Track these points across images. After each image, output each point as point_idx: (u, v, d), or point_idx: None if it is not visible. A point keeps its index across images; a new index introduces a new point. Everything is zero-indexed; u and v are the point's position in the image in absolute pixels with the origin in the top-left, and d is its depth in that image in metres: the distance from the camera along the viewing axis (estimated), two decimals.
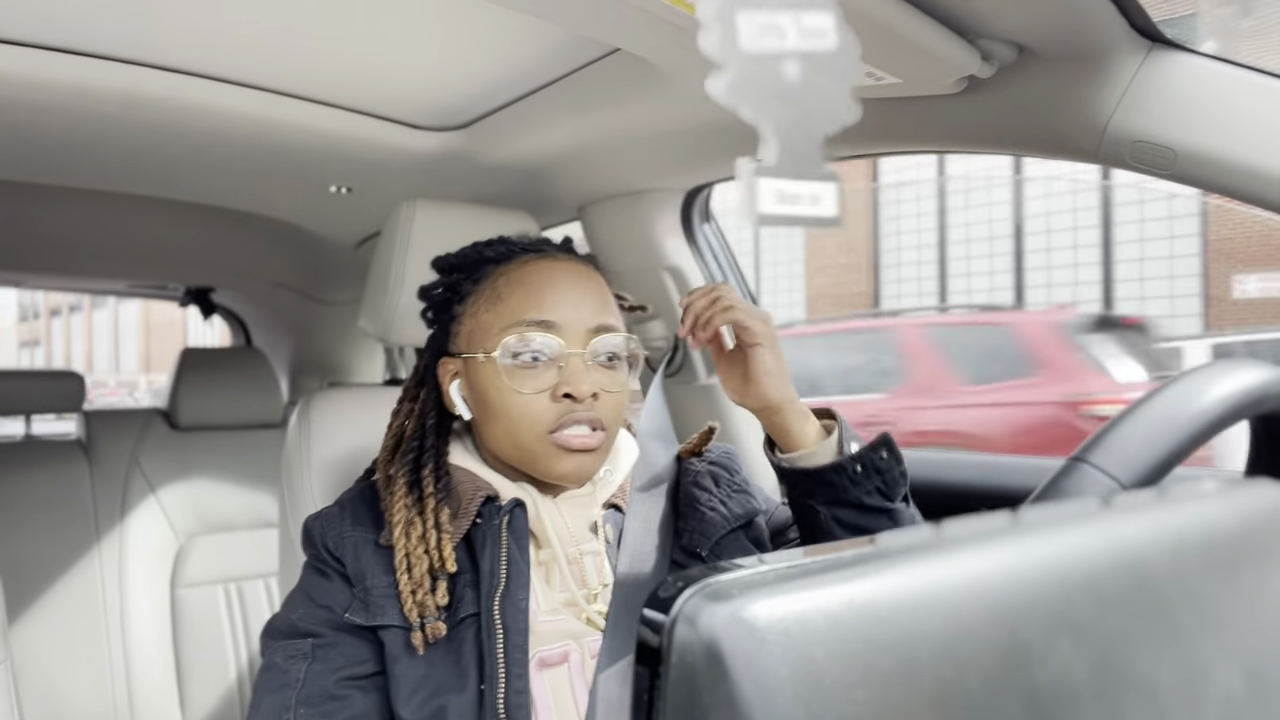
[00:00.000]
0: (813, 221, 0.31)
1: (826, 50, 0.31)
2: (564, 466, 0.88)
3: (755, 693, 0.26)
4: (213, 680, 1.92)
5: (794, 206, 0.31)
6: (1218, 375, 0.56)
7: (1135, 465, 0.52)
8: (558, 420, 0.87)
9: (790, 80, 0.30)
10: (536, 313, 0.89)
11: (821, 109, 0.31)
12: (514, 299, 0.91)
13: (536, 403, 0.87)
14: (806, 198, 0.31)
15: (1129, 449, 0.53)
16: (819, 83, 0.31)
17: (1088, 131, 0.93)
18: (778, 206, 0.31)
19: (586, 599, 0.87)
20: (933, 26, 0.86)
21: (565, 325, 0.89)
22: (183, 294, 2.78)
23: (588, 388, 0.86)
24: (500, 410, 0.89)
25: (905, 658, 0.29)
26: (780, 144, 0.30)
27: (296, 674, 0.81)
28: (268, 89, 1.20)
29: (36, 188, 1.60)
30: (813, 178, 0.31)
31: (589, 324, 0.90)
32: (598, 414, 0.88)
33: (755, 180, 0.30)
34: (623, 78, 1.10)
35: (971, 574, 0.33)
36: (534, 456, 0.89)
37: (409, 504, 0.88)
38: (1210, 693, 0.38)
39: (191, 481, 2.04)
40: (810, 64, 0.30)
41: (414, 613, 0.82)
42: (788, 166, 0.30)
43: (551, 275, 0.92)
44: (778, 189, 0.31)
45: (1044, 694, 0.32)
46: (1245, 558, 0.42)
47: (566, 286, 0.91)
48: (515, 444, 0.89)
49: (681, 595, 0.28)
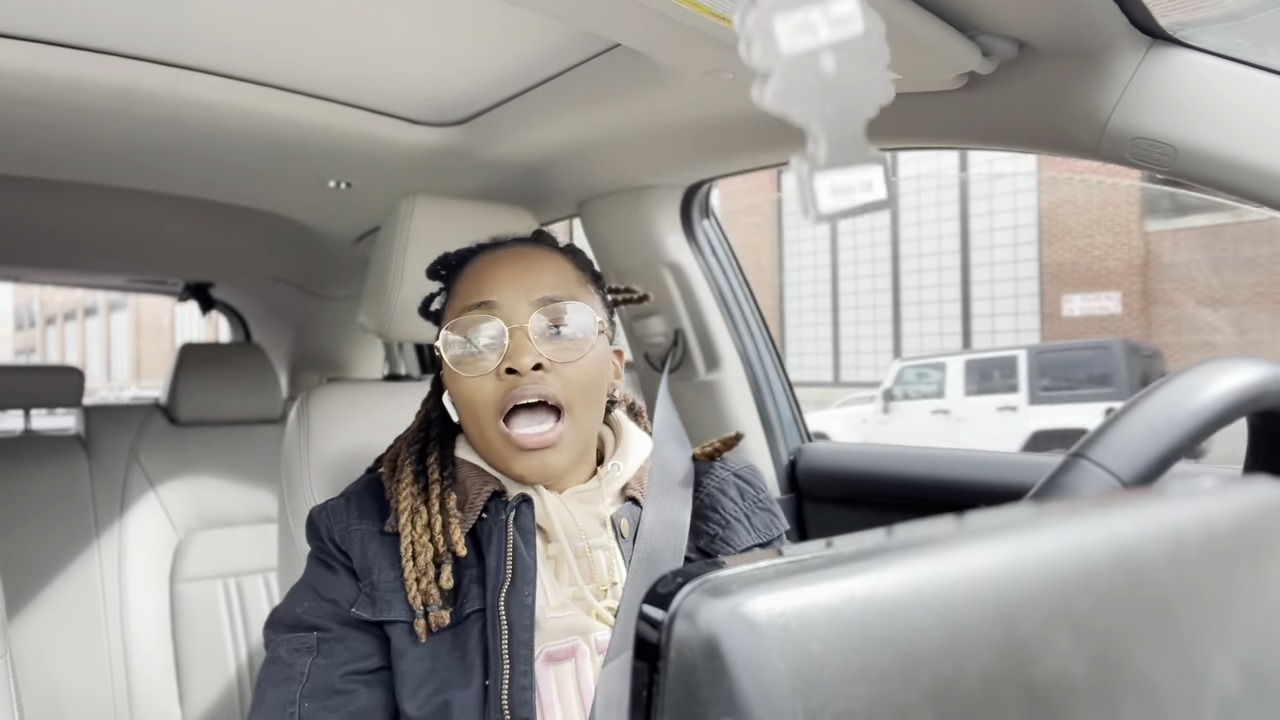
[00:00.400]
0: (868, 209, 0.31)
1: (856, 35, 0.31)
2: (523, 465, 0.87)
3: (754, 688, 0.27)
4: (212, 675, 1.92)
5: (850, 198, 0.31)
6: (1217, 372, 0.56)
7: (1135, 461, 0.52)
8: (504, 398, 0.86)
9: (829, 74, 0.30)
10: (476, 296, 0.89)
11: (860, 95, 0.31)
12: (461, 291, 0.92)
13: (484, 385, 0.87)
14: (859, 186, 0.31)
15: (1128, 445, 0.52)
16: (855, 69, 0.31)
17: (1088, 128, 0.93)
18: (837, 201, 0.31)
19: (595, 594, 0.87)
20: (933, 22, 0.86)
21: (504, 305, 0.88)
22: (182, 289, 2.78)
23: (528, 360, 0.85)
24: (459, 400, 0.90)
25: (904, 653, 0.29)
26: (829, 141, 0.30)
27: (301, 668, 0.82)
28: (268, 84, 1.20)
29: (36, 182, 1.60)
30: (861, 164, 0.31)
31: (531, 298, 0.88)
32: (547, 388, 0.86)
33: (813, 182, 0.30)
34: (623, 74, 1.10)
35: (970, 570, 0.33)
36: (496, 454, 0.89)
37: (414, 492, 0.88)
38: (1208, 689, 0.38)
39: (191, 477, 2.05)
40: (844, 53, 0.31)
41: (418, 600, 0.82)
42: (837, 158, 0.30)
43: (491, 263, 0.93)
44: (833, 184, 0.30)
45: (1042, 690, 0.32)
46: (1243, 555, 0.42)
47: (506, 267, 0.91)
48: (481, 437, 0.90)
49: (680, 591, 0.28)
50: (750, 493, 0.99)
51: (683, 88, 1.09)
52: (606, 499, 0.92)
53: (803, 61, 0.30)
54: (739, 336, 1.63)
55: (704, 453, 1.02)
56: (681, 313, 1.60)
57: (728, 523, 0.94)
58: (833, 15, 0.30)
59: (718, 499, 0.96)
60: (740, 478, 1.00)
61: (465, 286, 0.92)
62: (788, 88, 0.30)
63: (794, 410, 1.71)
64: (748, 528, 0.95)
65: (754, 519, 0.96)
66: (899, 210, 10.45)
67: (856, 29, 0.31)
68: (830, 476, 1.61)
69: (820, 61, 0.30)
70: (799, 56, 0.30)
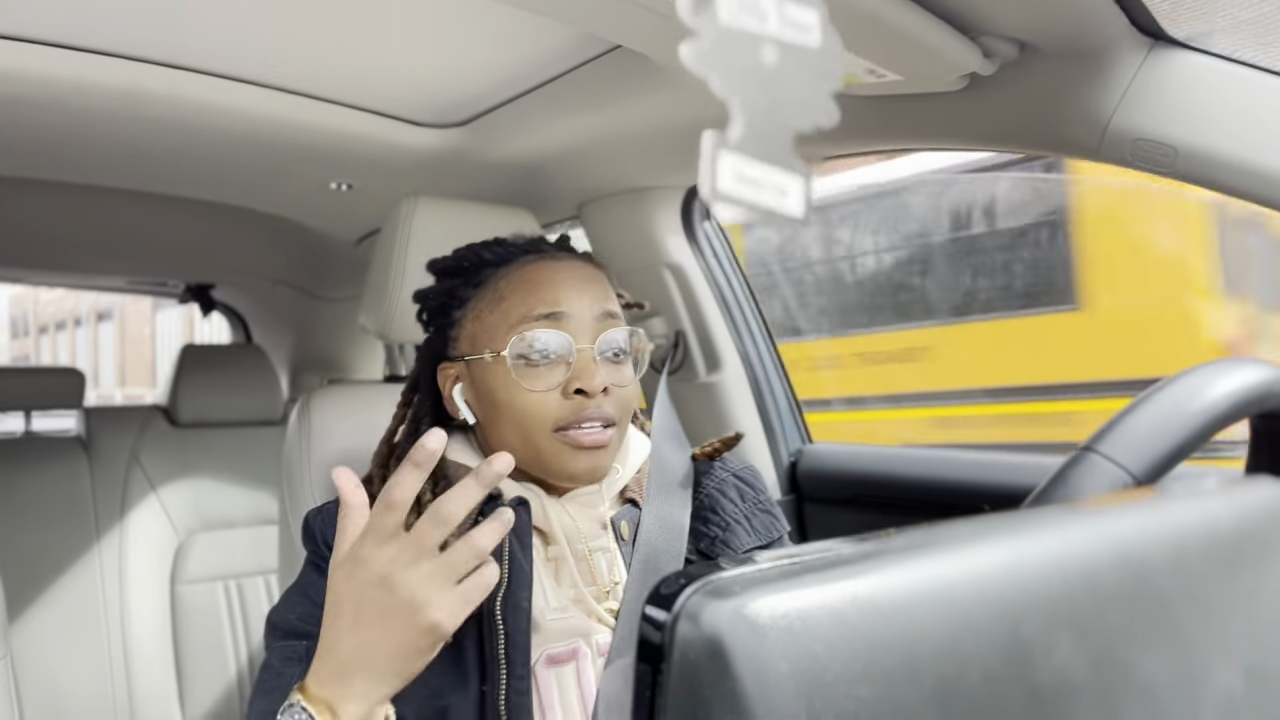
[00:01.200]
0: (774, 215, 0.31)
1: (810, 45, 0.31)
2: (577, 465, 0.87)
3: (757, 689, 0.27)
4: (212, 677, 1.92)
5: (756, 193, 0.30)
6: (1223, 371, 0.56)
7: (1144, 455, 0.52)
8: (570, 417, 0.85)
9: (768, 67, 0.30)
10: (543, 308, 0.88)
11: (798, 102, 0.31)
12: (517, 297, 0.89)
13: (549, 400, 0.86)
14: (771, 186, 0.30)
15: (1138, 439, 0.52)
16: (799, 76, 0.30)
17: (1089, 129, 0.93)
18: (738, 188, 0.30)
19: (596, 596, 0.87)
20: (934, 23, 0.86)
21: (572, 320, 0.87)
22: (183, 291, 2.78)
23: (599, 382, 0.85)
24: (510, 410, 0.87)
25: (906, 655, 0.29)
26: (749, 128, 0.29)
27: (289, 677, 0.80)
28: (269, 85, 1.20)
29: (37, 183, 1.60)
30: (780, 166, 0.30)
31: (595, 317, 0.89)
32: (608, 410, 0.86)
33: (717, 157, 0.29)
34: (623, 75, 1.10)
35: (973, 572, 0.33)
36: (546, 456, 0.87)
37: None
38: (1210, 690, 0.38)
39: (191, 478, 2.04)
40: (791, 55, 0.30)
41: None
42: (754, 150, 0.30)
43: (554, 272, 0.91)
44: (740, 170, 0.30)
45: (1045, 692, 0.32)
46: (1245, 556, 0.42)
47: (570, 282, 0.90)
48: (525, 443, 0.88)
49: (684, 592, 0.28)
50: (750, 494, 0.99)
51: (683, 89, 1.09)
52: (606, 502, 0.92)
53: (749, 50, 0.30)
54: (740, 338, 1.63)
55: (703, 453, 1.01)
56: (682, 314, 1.60)
57: (728, 525, 0.94)
58: (792, 19, 0.30)
59: (718, 500, 0.96)
60: (740, 479, 1.00)
61: (524, 293, 0.89)
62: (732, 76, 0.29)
63: (795, 411, 1.71)
64: (748, 530, 0.95)
65: (754, 521, 0.96)
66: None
67: (816, 36, 0.30)
68: (831, 478, 1.61)
69: (769, 55, 0.30)
70: (746, 44, 0.29)
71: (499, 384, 0.88)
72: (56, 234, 2.03)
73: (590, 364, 0.86)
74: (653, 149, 1.36)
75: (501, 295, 0.91)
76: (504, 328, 0.88)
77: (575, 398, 0.86)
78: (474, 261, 0.96)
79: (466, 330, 0.93)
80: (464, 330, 0.93)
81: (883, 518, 1.51)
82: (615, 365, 0.89)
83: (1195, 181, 0.89)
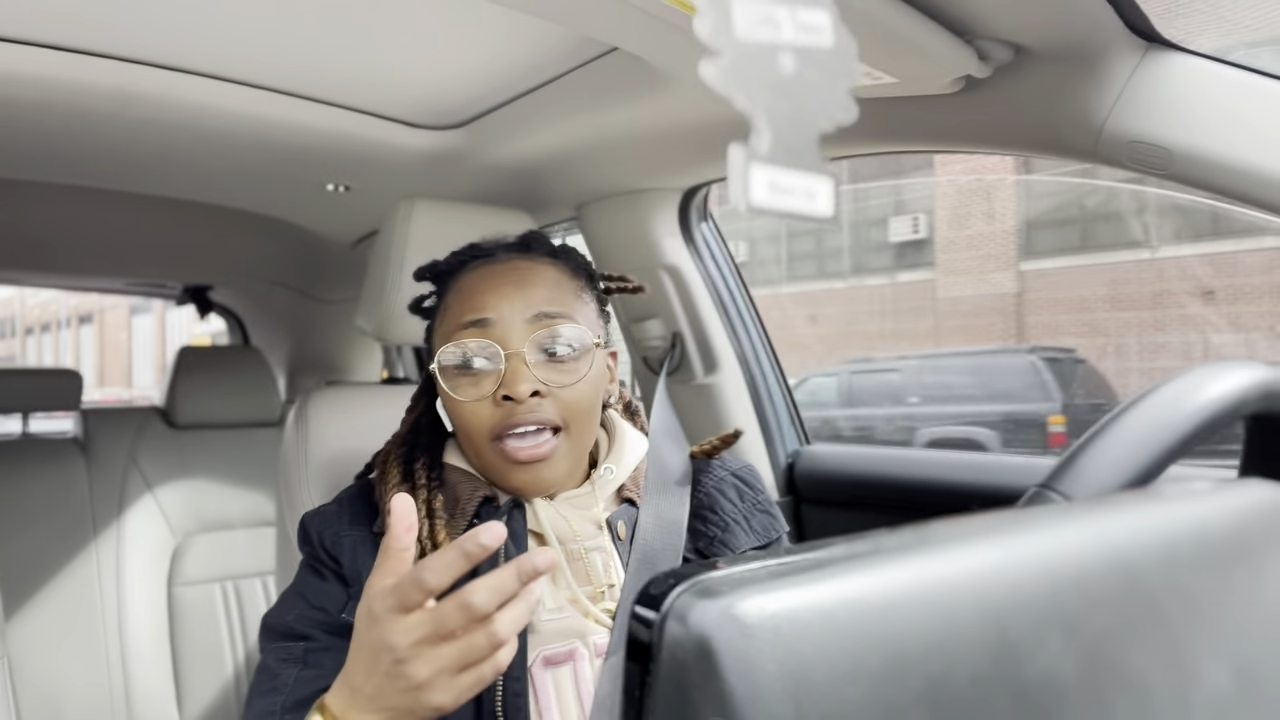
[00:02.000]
0: (805, 217, 0.31)
1: (824, 47, 0.31)
2: (517, 479, 0.87)
3: (745, 689, 0.27)
4: (210, 678, 1.92)
5: (788, 199, 0.31)
6: (1184, 391, 0.53)
7: (1101, 491, 0.48)
8: (501, 424, 0.85)
9: (787, 74, 0.30)
10: (470, 315, 0.88)
11: (819, 104, 0.31)
12: (456, 307, 0.91)
13: (480, 409, 0.86)
14: (801, 191, 0.31)
15: (1095, 475, 0.49)
16: (816, 78, 0.31)
17: (1084, 131, 0.93)
18: (772, 198, 0.30)
19: (592, 597, 0.87)
20: (929, 26, 0.86)
21: (501, 323, 0.87)
22: (180, 292, 2.78)
23: (526, 387, 0.84)
24: (455, 420, 0.89)
25: (895, 655, 0.29)
26: (775, 137, 0.30)
27: (287, 678, 0.81)
28: (265, 87, 1.20)
29: (34, 185, 1.60)
30: (808, 170, 0.31)
31: (527, 315, 0.87)
32: (545, 414, 0.85)
33: (749, 170, 0.30)
34: (620, 77, 1.11)
35: (961, 572, 0.33)
36: (489, 467, 0.88)
37: (401, 493, 0.88)
38: (1200, 692, 0.38)
39: (189, 480, 2.04)
40: (808, 60, 0.30)
41: None
42: (782, 157, 0.30)
43: (486, 278, 0.91)
44: (772, 180, 0.30)
45: (1033, 692, 0.32)
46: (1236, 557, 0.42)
47: (502, 283, 0.89)
48: (475, 453, 0.89)
49: (672, 592, 0.28)
50: (749, 494, 0.99)
51: (680, 91, 1.09)
52: (600, 502, 0.92)
53: (768, 61, 0.30)
54: (737, 339, 1.64)
55: (702, 450, 1.01)
56: (679, 316, 1.60)
57: (727, 525, 0.94)
58: (805, 23, 0.30)
59: (716, 499, 0.96)
60: (739, 478, 1.00)
61: (459, 302, 0.90)
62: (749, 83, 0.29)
63: (792, 413, 1.71)
64: (746, 530, 0.95)
65: (753, 521, 0.96)
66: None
67: (829, 37, 0.31)
68: (828, 479, 1.61)
69: (786, 62, 0.30)
70: (765, 55, 0.30)
71: (445, 394, 0.89)
72: (54, 236, 2.03)
73: (519, 369, 0.85)
74: (650, 151, 1.36)
75: (447, 305, 0.93)
76: (442, 338, 0.90)
77: (505, 404, 0.85)
78: (441, 269, 0.97)
79: (435, 338, 0.94)
80: (435, 338, 0.95)
81: (880, 519, 1.50)
82: (556, 365, 0.87)
83: (1189, 183, 0.90)
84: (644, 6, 0.79)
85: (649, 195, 1.54)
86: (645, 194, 1.53)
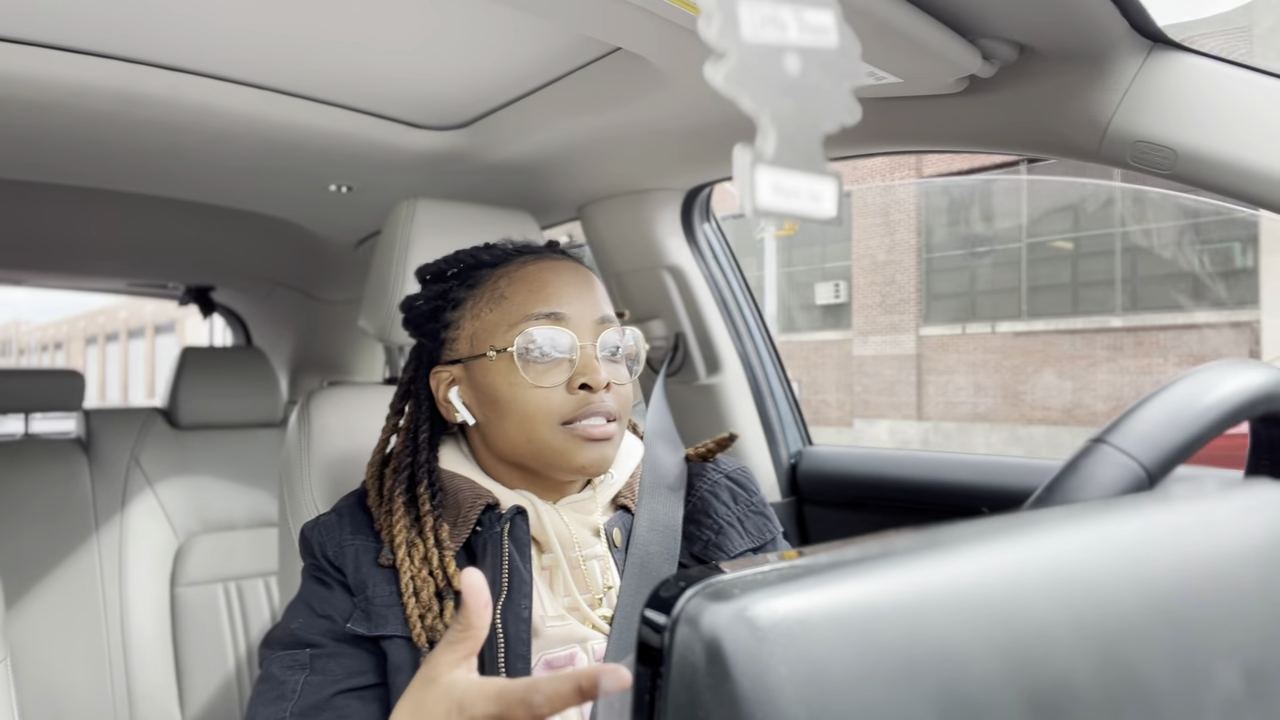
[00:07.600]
0: (810, 219, 0.31)
1: (828, 47, 0.31)
2: (585, 457, 0.87)
3: (757, 693, 0.26)
4: (212, 678, 1.92)
5: (793, 201, 0.30)
6: (1229, 373, 0.57)
7: (1154, 448, 0.53)
8: (576, 411, 0.87)
9: (791, 75, 0.30)
10: (545, 307, 0.89)
11: (823, 106, 0.31)
12: (519, 296, 0.90)
13: (554, 395, 0.87)
14: (805, 193, 0.31)
15: (1149, 433, 0.54)
16: (821, 79, 0.30)
17: (1089, 131, 0.93)
18: (777, 200, 0.30)
19: (591, 603, 0.87)
20: (934, 26, 0.86)
21: (573, 319, 0.89)
22: (183, 293, 2.78)
23: (603, 377, 0.87)
24: (514, 406, 0.88)
25: (906, 658, 0.29)
26: (779, 139, 0.30)
27: (293, 685, 0.80)
28: (268, 88, 1.20)
29: (37, 186, 1.60)
30: (813, 172, 0.31)
31: (595, 317, 0.90)
32: (611, 405, 0.88)
33: (755, 173, 0.29)
34: (623, 77, 1.10)
35: (972, 575, 0.33)
36: (552, 451, 0.87)
37: (408, 524, 0.87)
38: (1211, 694, 0.38)
39: (191, 480, 2.04)
40: (812, 60, 0.30)
41: (422, 638, 0.80)
42: (787, 159, 0.30)
43: (555, 272, 0.92)
44: (777, 182, 0.30)
45: (1044, 695, 0.32)
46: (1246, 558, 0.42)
47: (570, 282, 0.92)
48: (531, 439, 0.87)
49: (683, 595, 0.28)
50: (743, 496, 0.99)
51: (683, 91, 1.09)
52: (599, 508, 0.92)
53: (772, 62, 0.30)
54: (739, 340, 1.63)
55: (697, 453, 1.01)
56: (682, 316, 1.60)
57: (720, 528, 0.94)
58: (810, 24, 0.30)
59: (710, 503, 0.96)
60: (733, 480, 1.00)
61: (523, 293, 0.90)
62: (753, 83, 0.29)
63: (795, 413, 1.71)
64: (741, 532, 0.95)
65: (747, 523, 0.96)
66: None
67: (834, 37, 0.31)
68: (831, 480, 1.61)
69: (791, 63, 0.30)
70: (769, 56, 0.30)
71: (502, 381, 0.88)
72: (58, 236, 2.03)
73: (593, 360, 0.88)
74: (653, 151, 1.36)
75: (503, 294, 0.91)
76: (506, 326, 0.89)
77: (580, 393, 0.87)
78: (470, 263, 0.96)
79: (465, 331, 0.93)
80: (461, 331, 0.93)
81: (883, 519, 1.51)
82: (614, 364, 0.91)
83: (1195, 183, 0.89)
84: (647, 6, 0.79)
85: (652, 195, 1.53)
86: (648, 194, 1.53)
